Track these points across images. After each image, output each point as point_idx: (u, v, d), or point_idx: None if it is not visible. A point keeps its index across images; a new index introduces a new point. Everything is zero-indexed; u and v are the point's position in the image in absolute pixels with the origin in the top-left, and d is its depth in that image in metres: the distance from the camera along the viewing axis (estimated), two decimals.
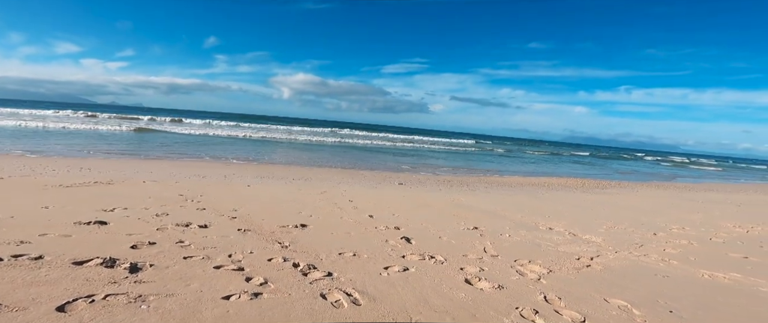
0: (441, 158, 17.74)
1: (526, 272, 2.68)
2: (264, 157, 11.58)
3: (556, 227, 4.31)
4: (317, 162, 11.42)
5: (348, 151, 16.69)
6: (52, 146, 9.15)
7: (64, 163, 6.52)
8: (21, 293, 1.61)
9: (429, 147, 22.91)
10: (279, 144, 16.15)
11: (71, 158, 7.22)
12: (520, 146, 41.83)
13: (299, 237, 3.09)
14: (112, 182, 4.99)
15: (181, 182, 5.53)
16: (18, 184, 4.35)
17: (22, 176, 4.94)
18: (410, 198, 5.93)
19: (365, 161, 13.06)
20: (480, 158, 20.91)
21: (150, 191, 4.55)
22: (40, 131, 12.31)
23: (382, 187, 7.21)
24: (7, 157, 6.70)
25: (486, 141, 44.42)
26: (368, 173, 9.69)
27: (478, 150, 25.64)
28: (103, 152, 8.99)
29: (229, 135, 16.28)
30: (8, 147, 8.24)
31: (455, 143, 33.05)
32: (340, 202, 4.97)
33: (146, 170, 6.51)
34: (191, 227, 3.00)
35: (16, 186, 4.20)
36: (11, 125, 12.77)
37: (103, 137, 12.49)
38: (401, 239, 3.31)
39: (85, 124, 14.98)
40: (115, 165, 6.80)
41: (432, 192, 6.92)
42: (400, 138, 32.56)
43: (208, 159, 9.53)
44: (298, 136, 22.31)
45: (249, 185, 5.91)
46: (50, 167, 5.98)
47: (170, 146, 11.94)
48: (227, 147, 13.40)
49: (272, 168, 8.63)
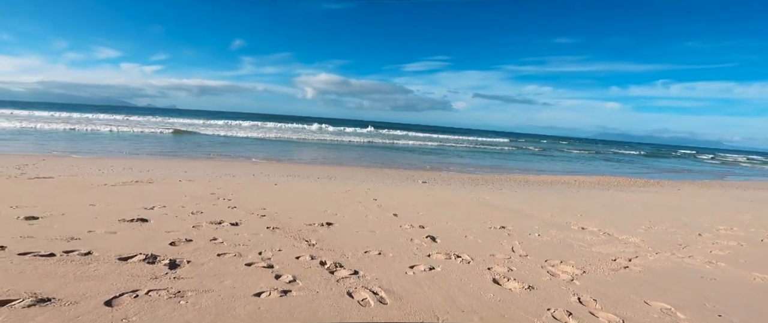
0: (465, 156, 17.46)
1: (557, 272, 2.59)
2: (289, 156, 11.88)
3: (589, 226, 4.12)
4: (341, 161, 11.56)
5: (371, 150, 16.79)
6: (97, 148, 9.83)
7: (109, 163, 6.98)
8: (72, 287, 1.75)
9: (452, 145, 22.57)
10: (304, 144, 16.51)
11: (115, 159, 7.73)
12: (550, 143, 40.37)
13: (325, 236, 3.14)
14: (151, 181, 5.29)
15: (213, 181, 5.78)
16: (67, 183, 4.71)
17: (70, 176, 5.34)
18: (434, 197, 5.87)
19: (388, 160, 13.09)
20: (506, 156, 20.40)
21: (185, 189, 4.78)
22: (88, 134, 13.26)
23: (405, 185, 7.19)
24: (57, 158, 7.27)
25: (512, 139, 43.15)
26: (391, 171, 9.70)
27: (506, 149, 24.94)
28: (143, 152, 9.56)
29: (256, 136, 16.81)
30: (58, 149, 8.95)
31: (480, 141, 32.42)
32: (364, 200, 5.01)
33: (181, 170, 6.84)
34: (223, 225, 3.13)
35: (65, 185, 4.55)
36: (60, 128, 13.84)
37: (144, 139, 13.27)
38: (426, 238, 3.29)
39: (127, 126, 15.97)
40: (154, 165, 7.20)
41: (457, 191, 6.82)
42: (423, 136, 32.34)
43: (238, 159, 9.89)
44: (321, 135, 22.68)
45: (276, 183, 6.08)
46: (96, 167, 6.42)
47: (203, 147, 12.51)
48: (255, 147, 13.85)
49: (298, 167, 8.83)
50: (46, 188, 4.32)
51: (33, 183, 4.55)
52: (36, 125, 14.06)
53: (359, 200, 4.99)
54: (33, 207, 3.17)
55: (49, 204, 3.34)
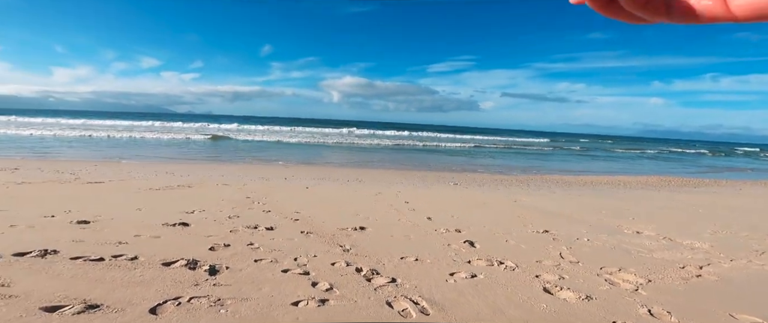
0: (497, 157, 16.91)
1: (617, 281, 2.34)
2: (319, 159, 12.03)
3: (644, 230, 3.76)
4: (369, 163, 11.54)
5: (398, 152, 16.68)
6: (142, 153, 10.47)
7: (153, 168, 7.38)
8: (119, 293, 1.78)
9: (482, 146, 21.93)
10: (332, 147, 16.70)
11: (158, 164, 8.17)
12: (592, 142, 38.33)
13: (359, 240, 3.06)
14: (191, 186, 5.50)
15: (248, 185, 5.92)
16: (117, 187, 4.99)
17: (119, 181, 5.67)
18: (468, 199, 5.65)
19: (417, 162, 12.92)
20: (542, 156, 19.55)
21: (222, 193, 4.91)
22: (136, 141, 14.18)
23: (436, 187, 7.01)
24: (108, 164, 7.79)
25: (551, 138, 41.22)
26: (420, 173, 9.53)
27: (545, 149, 23.85)
28: (183, 158, 10.05)
29: (287, 140, 17.23)
30: (109, 155, 9.61)
31: (512, 142, 31.37)
32: (395, 203, 4.90)
33: (218, 174, 7.09)
34: (259, 230, 3.14)
35: (115, 190, 4.82)
36: (112, 135, 14.92)
37: (183, 145, 14.00)
38: (464, 242, 3.12)
39: (169, 133, 16.95)
40: (193, 169, 7.53)
41: (491, 192, 6.55)
42: (451, 137, 31.80)
43: (270, 163, 10.14)
44: (349, 139, 22.89)
45: (307, 186, 6.12)
46: (142, 172, 6.80)
47: (237, 152, 12.98)
48: (285, 151, 14.19)
49: (327, 170, 8.90)
50: (98, 192, 4.60)
51: (86, 188, 4.86)
52: (89, 133, 15.26)
53: (390, 203, 4.90)
54: (84, 211, 3.35)
55: (99, 208, 3.53)
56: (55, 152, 9.84)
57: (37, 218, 3.04)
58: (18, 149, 10.25)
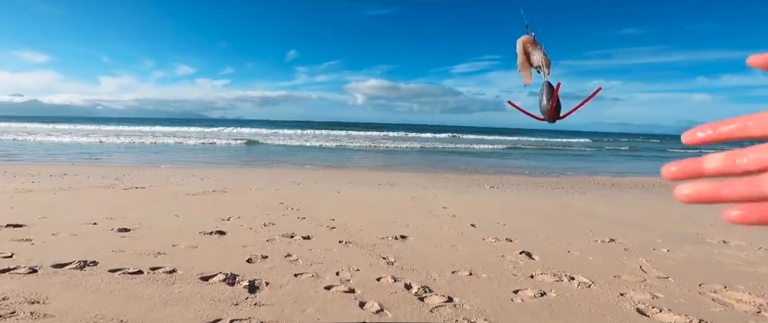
0: (531, 158, 16.13)
1: (729, 301, 1.93)
2: (348, 163, 11.94)
3: (731, 240, 3.23)
4: (398, 166, 11.29)
5: (427, 154, 16.31)
6: (180, 158, 10.82)
7: (190, 173, 7.54)
8: (157, 313, 1.63)
9: (517, 147, 21.01)
10: (360, 150, 16.58)
11: (195, 169, 8.36)
12: (638, 142, 36.05)
13: (402, 251, 2.81)
14: (226, 191, 5.50)
15: (280, 190, 5.85)
16: (156, 193, 5.05)
17: (159, 185, 5.78)
18: (511, 203, 5.25)
19: (446, 164, 12.51)
20: (582, 156, 18.48)
21: (256, 199, 4.84)
22: (174, 146, 14.78)
23: (473, 191, 6.63)
24: (150, 168, 8.06)
25: (595, 138, 38.90)
26: (452, 175, 9.15)
27: (587, 150, 22.53)
28: (218, 162, 10.29)
29: (316, 144, 17.30)
30: (151, 160, 10.01)
31: (544, 142, 30.05)
32: (433, 209, 4.61)
33: (252, 179, 7.10)
34: (296, 239, 2.97)
35: (155, 195, 4.87)
36: (153, 142, 15.66)
37: (218, 150, 14.42)
38: (520, 254, 2.79)
39: (205, 139, 17.56)
40: (227, 174, 7.61)
41: (534, 196, 6.09)
42: (479, 139, 30.95)
43: (301, 167, 10.15)
44: (376, 141, 22.79)
45: (339, 191, 5.96)
46: (180, 176, 6.94)
47: (269, 156, 13.18)
48: (315, 154, 14.24)
49: (358, 173, 8.73)
50: (139, 198, 4.66)
51: (128, 194, 4.96)
52: (132, 139, 16.11)
53: (429, 209, 4.61)
54: (125, 218, 3.34)
55: (140, 215, 3.51)
56: (102, 158, 10.38)
57: (80, 225, 3.04)
58: (70, 155, 10.92)
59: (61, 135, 18.10)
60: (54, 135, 17.54)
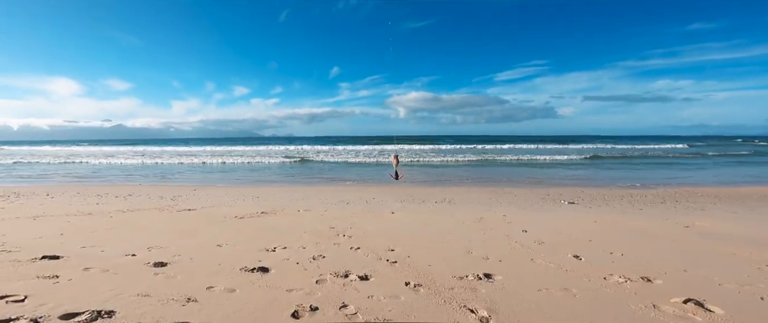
0: (604, 167, 14.23)
1: None
2: None
3: None
4: (453, 181, 10.41)
5: (481, 167, 15.14)
6: (235, 177, 11.06)
7: (241, 193, 7.46)
8: None
9: (575, 157, 18.82)
10: (408, 165, 15.91)
11: (247, 188, 8.35)
12: (754, 146, 31.20)
13: (495, 299, 2.06)
14: (274, 212, 5.16)
15: (329, 210, 5.38)
16: (206, 216, 4.84)
17: (211, 207, 5.63)
18: (608, 224, 4.20)
19: (504, 177, 11.33)
20: (666, 164, 16.05)
21: (304, 222, 4.39)
22: (233, 166, 15.41)
23: (549, 208, 5.59)
24: (205, 188, 8.19)
25: (690, 142, 33.96)
26: (517, 190, 8.07)
27: (686, 157, 19.46)
28: (268, 181, 10.31)
29: (362, 161, 16.96)
30: (208, 179, 10.33)
31: (623, 150, 27.02)
32: (511, 233, 3.77)
33: (300, 198, 6.78)
34: (351, 280, 2.37)
35: (204, 218, 4.65)
36: (212, 162, 16.53)
37: (273, 168, 14.71)
38: (685, 303, 1.89)
39: (260, 157, 18.20)
40: (277, 193, 7.41)
41: (633, 214, 4.91)
42: (532, 148, 28.71)
43: (350, 184, 9.75)
44: (422, 156, 22.02)
45: (393, 211, 5.33)
46: (232, 196, 6.85)
47: (318, 173, 13.08)
48: (362, 171, 13.87)
49: (409, 190, 8.06)
50: (188, 221, 4.45)
51: (179, 217, 4.80)
52: (195, 159, 17.18)
53: (505, 233, 3.78)
54: (166, 249, 3.01)
55: (182, 245, 3.19)
56: (167, 178, 10.97)
57: (117, 257, 2.74)
58: (143, 176, 11.74)
59: (136, 156, 20.01)
60: (133, 156, 19.42)
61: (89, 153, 23.96)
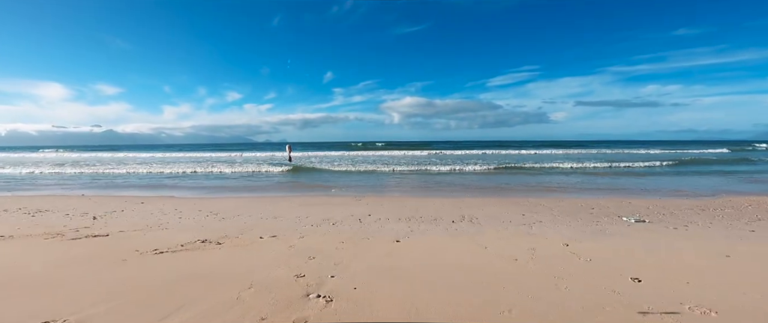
0: (638, 176, 12.74)
1: None
2: (397, 188, 9.67)
3: None
4: (468, 191, 8.77)
5: (493, 176, 13.54)
6: (202, 186, 9.31)
7: (198, 206, 5.76)
8: None
9: (597, 164, 17.13)
10: (404, 173, 14.14)
11: (210, 199, 6.65)
12: None
13: None
14: (221, 241, 3.49)
15: (306, 237, 3.72)
16: (109, 247, 3.17)
17: (134, 231, 3.94)
18: (751, 259, 2.58)
19: (520, 185, 9.74)
20: (710, 171, 14.62)
21: (258, 262, 2.74)
22: (218, 175, 13.55)
23: (617, 230, 3.98)
24: (156, 200, 6.45)
25: (732, 147, 31.86)
26: (544, 200, 6.49)
27: (732, 165, 17.43)
28: (242, 189, 8.59)
29: (359, 170, 14.83)
30: (168, 188, 8.56)
31: (658, 155, 25.75)
32: (612, 282, 2.14)
33: (271, 215, 5.11)
34: None
35: (101, 252, 2.98)
36: (196, 170, 14.62)
37: (250, 177, 12.93)
38: None
39: (248, 165, 16.00)
40: (245, 207, 5.73)
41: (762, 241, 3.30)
42: (536, 154, 27.30)
43: (337, 194, 8.08)
44: (421, 160, 20.43)
45: (398, 239, 3.68)
46: (180, 213, 5.15)
47: (304, 182, 11.38)
48: (356, 179, 12.21)
49: (414, 204, 6.41)
50: (81, 260, 2.77)
51: (70, 249, 3.12)
52: (172, 168, 15.30)
53: (598, 283, 2.15)
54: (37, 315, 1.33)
55: (53, 305, 1.51)
56: (119, 187, 9.18)
57: None
58: (99, 186, 9.93)
59: (110, 164, 18.06)
60: (102, 164, 17.44)
61: (49, 159, 21.89)
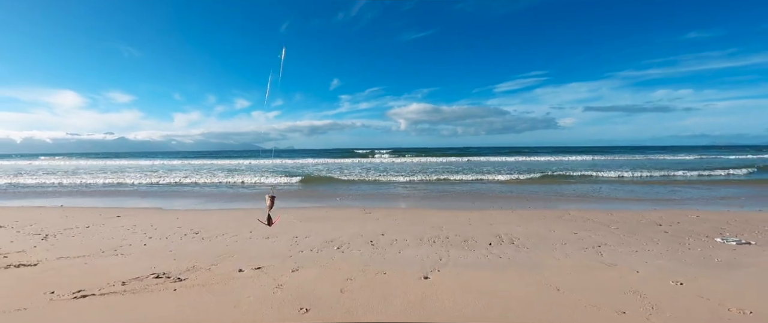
0: (677, 183, 11.53)
1: None
2: (409, 199, 8.67)
3: None
4: (488, 201, 7.71)
5: (514, 185, 12.41)
6: (192, 196, 8.45)
7: (179, 222, 4.86)
8: None
9: (637, 174, 14.42)
10: (414, 183, 12.76)
11: (195, 213, 5.76)
12: None
13: None
14: (182, 278, 2.56)
15: (301, 269, 2.77)
16: (28, 283, 2.24)
17: (75, 258, 3.03)
18: None
19: (556, 194, 8.63)
20: None
21: (235, 313, 1.77)
22: (222, 187, 12.59)
23: (726, 259, 2.92)
24: (137, 213, 5.57)
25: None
26: (598, 214, 5.43)
27: None
28: (232, 197, 7.70)
29: (370, 179, 13.25)
30: (153, 198, 7.71)
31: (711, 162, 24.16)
32: None
33: (262, 235, 4.19)
34: None
35: (12, 292, 2.05)
36: (202, 181, 13.68)
37: (254, 187, 12.06)
38: None
39: (257, 175, 13.89)
40: (232, 224, 4.83)
41: None
42: (557, 160, 25.88)
43: (345, 206, 7.12)
44: (439, 171, 19.29)
45: (426, 275, 2.70)
46: (155, 230, 4.24)
47: (309, 191, 10.44)
48: (363, 189, 11.25)
49: (435, 219, 5.40)
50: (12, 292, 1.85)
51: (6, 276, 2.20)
52: (173, 177, 14.49)
53: None
54: None
55: None
56: (107, 195, 8.38)
57: None
58: (83, 194, 9.15)
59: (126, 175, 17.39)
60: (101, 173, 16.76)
61: (46, 168, 21.33)
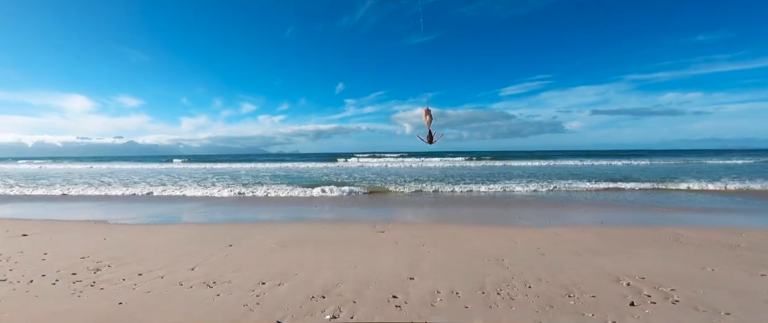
0: None
1: None
2: (424, 213, 7.78)
3: None
4: (548, 219, 6.61)
5: (542, 200, 10.38)
6: (186, 207, 7.69)
7: (109, 242, 4.08)
8: None
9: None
10: (426, 192, 10.32)
11: (142, 228, 4.99)
12: None
13: None
14: None
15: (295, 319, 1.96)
16: None
17: None
18: None
19: (613, 212, 7.67)
20: None
21: None
22: (232, 199, 11.61)
23: None
24: (58, 227, 4.81)
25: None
26: (700, 233, 4.52)
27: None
28: (217, 210, 6.93)
29: (375, 187, 10.78)
30: (144, 214, 6.94)
31: None
32: None
33: (205, 275, 3.39)
34: None
35: None
36: (212, 196, 12.61)
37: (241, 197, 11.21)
38: None
39: (246, 179, 13.19)
40: (176, 249, 4.06)
41: None
42: (563, 165, 24.31)
43: (350, 222, 6.30)
44: (460, 177, 17.51)
45: None
46: (44, 258, 3.46)
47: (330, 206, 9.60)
48: (370, 201, 10.34)
49: (477, 240, 4.53)
50: None
51: None
52: (165, 189, 13.73)
53: None
54: None
55: None
56: (59, 202, 7.67)
57: None
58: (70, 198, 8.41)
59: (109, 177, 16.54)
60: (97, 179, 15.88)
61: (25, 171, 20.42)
